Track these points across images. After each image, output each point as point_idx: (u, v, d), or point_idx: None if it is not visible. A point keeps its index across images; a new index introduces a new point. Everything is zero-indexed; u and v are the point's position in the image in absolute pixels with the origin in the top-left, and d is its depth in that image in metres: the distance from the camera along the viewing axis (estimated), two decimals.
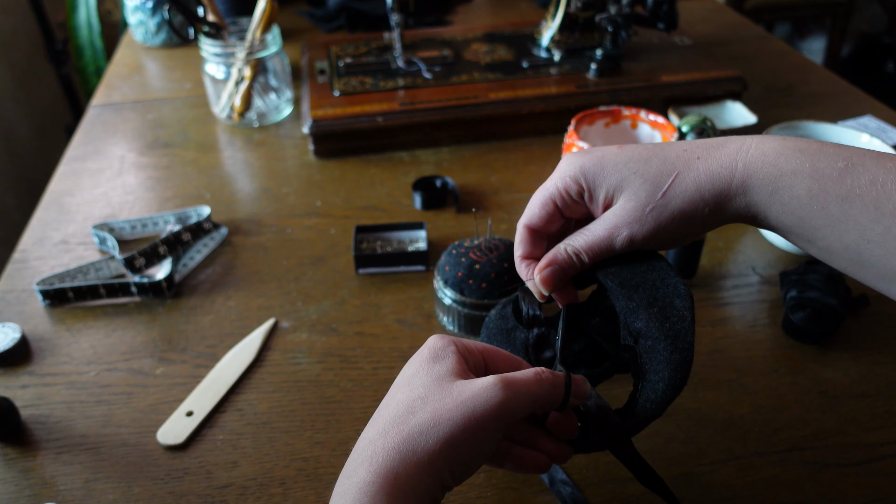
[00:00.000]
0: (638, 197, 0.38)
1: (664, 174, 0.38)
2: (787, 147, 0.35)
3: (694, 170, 0.37)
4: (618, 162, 0.39)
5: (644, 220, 0.38)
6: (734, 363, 0.57)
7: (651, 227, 0.38)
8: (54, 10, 1.74)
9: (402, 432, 0.33)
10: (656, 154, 0.39)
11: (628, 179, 0.38)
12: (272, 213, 0.76)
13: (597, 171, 0.40)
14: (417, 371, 0.37)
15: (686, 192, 0.37)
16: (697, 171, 0.37)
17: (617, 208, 0.39)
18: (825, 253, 0.35)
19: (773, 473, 0.48)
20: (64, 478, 0.50)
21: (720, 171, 0.36)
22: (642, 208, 0.38)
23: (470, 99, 0.85)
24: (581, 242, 0.41)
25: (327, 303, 0.64)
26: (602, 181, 0.39)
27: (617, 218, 0.39)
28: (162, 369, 0.58)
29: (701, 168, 0.37)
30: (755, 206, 0.36)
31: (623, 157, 0.39)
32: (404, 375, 0.37)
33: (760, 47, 1.10)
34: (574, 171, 0.40)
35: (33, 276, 0.68)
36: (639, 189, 0.38)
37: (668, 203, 0.38)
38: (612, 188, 0.39)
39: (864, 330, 0.59)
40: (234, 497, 0.48)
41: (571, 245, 0.41)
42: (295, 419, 0.53)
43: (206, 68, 0.90)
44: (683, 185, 0.37)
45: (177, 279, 0.67)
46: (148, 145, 0.89)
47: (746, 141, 0.37)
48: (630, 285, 0.41)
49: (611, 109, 0.76)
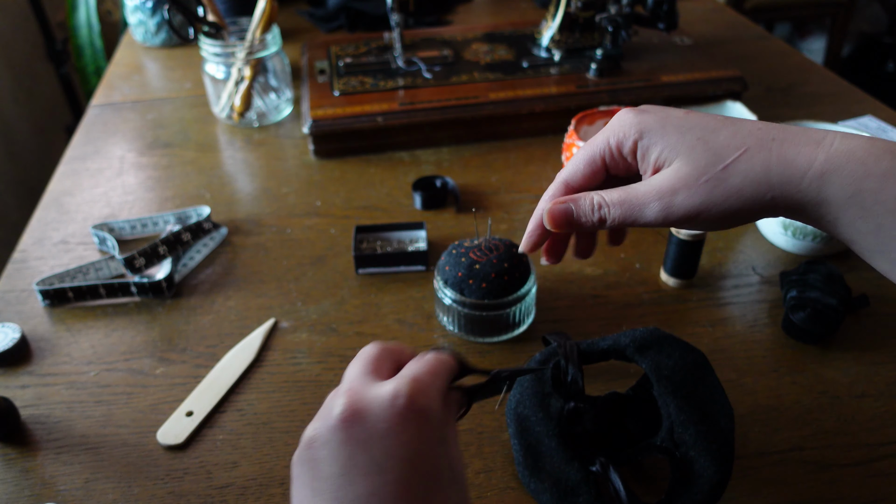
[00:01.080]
0: (696, 163, 0.34)
1: (731, 147, 0.34)
2: (876, 146, 0.32)
3: (766, 150, 0.33)
4: (682, 125, 0.35)
5: (694, 190, 0.34)
6: (734, 363, 0.57)
7: (699, 201, 0.34)
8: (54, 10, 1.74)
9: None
10: (726, 125, 0.35)
11: (690, 144, 0.35)
12: (272, 213, 0.76)
13: (656, 130, 0.36)
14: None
15: (751, 172, 0.33)
16: (770, 151, 0.33)
17: (668, 171, 0.35)
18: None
19: (773, 473, 0.48)
20: (64, 478, 0.50)
21: (796, 159, 0.32)
22: (697, 177, 0.34)
23: (470, 99, 0.85)
24: (615, 197, 0.36)
25: (327, 303, 0.64)
26: (659, 140, 0.36)
27: (664, 181, 0.35)
28: (162, 369, 0.58)
29: (775, 150, 0.33)
30: (826, 205, 0.32)
31: (689, 122, 0.35)
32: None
33: (760, 47, 1.10)
34: (631, 126, 0.37)
35: (33, 276, 0.68)
36: (699, 156, 0.34)
37: (728, 178, 0.33)
38: (670, 150, 0.35)
39: (864, 330, 0.59)
40: (234, 497, 0.48)
41: (601, 195, 0.37)
42: (295, 419, 0.53)
43: (205, 68, 0.90)
44: (750, 163, 0.33)
45: (177, 279, 0.66)
46: (148, 145, 0.89)
47: (829, 133, 0.33)
48: (682, 395, 0.44)
49: (611, 109, 0.76)
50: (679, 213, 0.35)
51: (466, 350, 0.58)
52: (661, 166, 0.36)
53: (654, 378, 0.44)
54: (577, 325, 0.60)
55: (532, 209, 0.75)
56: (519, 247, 0.42)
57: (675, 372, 0.44)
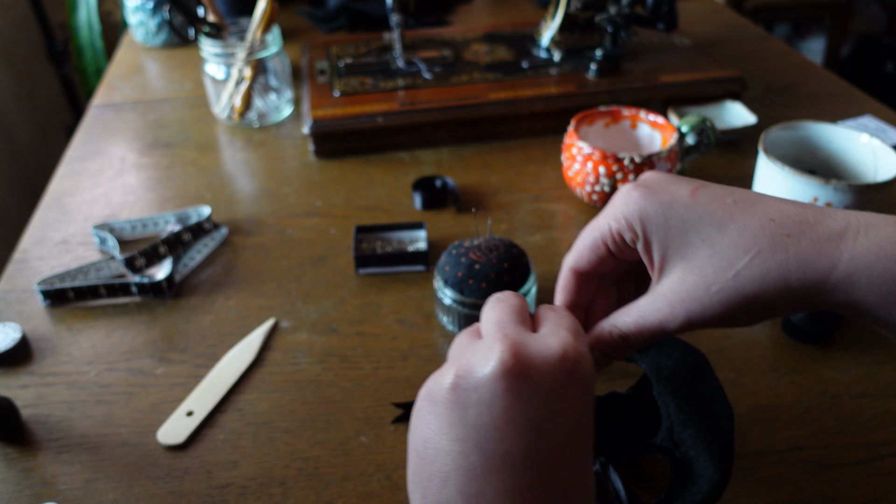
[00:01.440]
0: (703, 272, 0.31)
1: (740, 248, 0.31)
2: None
3: (781, 251, 0.30)
4: (686, 219, 0.32)
5: (707, 302, 0.31)
6: (734, 363, 0.57)
7: (716, 312, 0.31)
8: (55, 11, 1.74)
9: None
10: (735, 218, 0.32)
11: (694, 246, 0.32)
12: (272, 213, 0.76)
13: (658, 223, 0.33)
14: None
15: (767, 278, 0.30)
16: (786, 252, 0.30)
17: (675, 281, 0.33)
18: None
19: (773, 473, 0.48)
20: (64, 477, 0.50)
21: (816, 260, 0.29)
22: (706, 287, 0.31)
23: (470, 99, 0.85)
24: (629, 323, 0.34)
25: (327, 303, 0.64)
26: (662, 237, 0.33)
27: (674, 295, 0.32)
28: (162, 369, 0.58)
29: (791, 250, 0.30)
30: (859, 305, 0.30)
31: (694, 214, 0.32)
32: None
33: (760, 47, 1.10)
34: (632, 214, 0.34)
35: (34, 276, 0.68)
36: (704, 262, 0.31)
37: (741, 286, 0.30)
38: (673, 251, 0.33)
39: (864, 330, 0.59)
40: (234, 497, 0.48)
41: (617, 327, 0.35)
42: (295, 419, 0.53)
43: (206, 68, 0.90)
44: (764, 267, 0.30)
45: (177, 279, 0.67)
46: (148, 145, 0.89)
47: (852, 221, 0.30)
48: (681, 395, 0.43)
49: (610, 109, 0.77)
50: (703, 322, 0.32)
51: None
52: (665, 268, 0.33)
53: (653, 378, 0.44)
54: None
55: (532, 209, 0.75)
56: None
57: (674, 372, 0.44)
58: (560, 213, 0.75)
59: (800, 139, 0.69)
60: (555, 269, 0.66)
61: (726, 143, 0.84)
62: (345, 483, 0.49)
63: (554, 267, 0.67)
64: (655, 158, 0.68)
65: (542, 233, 0.71)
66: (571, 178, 0.73)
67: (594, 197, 0.72)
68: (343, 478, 0.49)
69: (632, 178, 0.69)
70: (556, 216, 0.74)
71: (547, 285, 0.65)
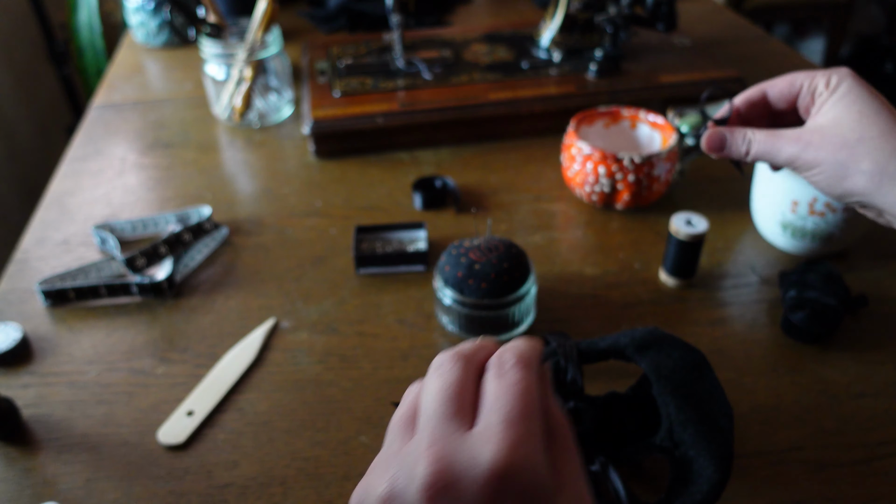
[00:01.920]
0: (844, 134, 0.43)
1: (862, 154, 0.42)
2: None
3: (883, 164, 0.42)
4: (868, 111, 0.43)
5: (826, 151, 0.43)
6: (733, 363, 0.57)
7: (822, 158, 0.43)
8: (55, 11, 1.74)
9: None
10: (871, 138, 0.42)
11: (855, 120, 0.43)
12: (272, 214, 0.76)
13: (850, 95, 0.44)
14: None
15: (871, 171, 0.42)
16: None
17: (812, 126, 0.44)
18: None
19: (772, 473, 0.48)
20: (65, 477, 0.50)
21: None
22: (839, 143, 0.43)
23: (470, 99, 0.85)
24: (759, 136, 0.46)
25: (327, 303, 0.64)
26: (837, 100, 0.44)
27: (805, 133, 0.44)
28: (163, 369, 0.58)
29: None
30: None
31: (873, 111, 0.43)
32: None
33: (760, 48, 1.10)
34: (841, 77, 0.44)
35: (35, 276, 0.68)
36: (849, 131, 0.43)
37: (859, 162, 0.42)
38: (835, 111, 0.44)
39: (864, 330, 0.59)
40: (234, 496, 0.48)
41: (752, 131, 0.47)
42: (295, 419, 0.53)
43: (206, 69, 0.90)
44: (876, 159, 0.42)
45: (178, 279, 0.67)
46: (149, 146, 0.89)
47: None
48: (681, 395, 0.44)
49: (610, 110, 0.77)
50: (802, 164, 0.44)
51: None
52: (818, 115, 0.45)
53: (653, 378, 0.44)
54: (576, 325, 0.61)
55: (532, 209, 0.75)
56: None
57: (674, 372, 0.44)
58: (560, 213, 0.75)
59: None
60: (555, 270, 0.66)
61: None
62: (345, 483, 0.49)
63: (554, 267, 0.67)
64: (655, 158, 0.68)
65: (542, 233, 0.71)
66: (571, 178, 0.73)
67: (594, 197, 0.72)
68: (343, 477, 0.49)
69: (631, 179, 0.69)
70: (556, 216, 0.74)
71: (547, 285, 0.65)
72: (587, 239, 0.71)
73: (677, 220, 0.61)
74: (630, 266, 0.67)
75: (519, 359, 0.30)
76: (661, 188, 0.71)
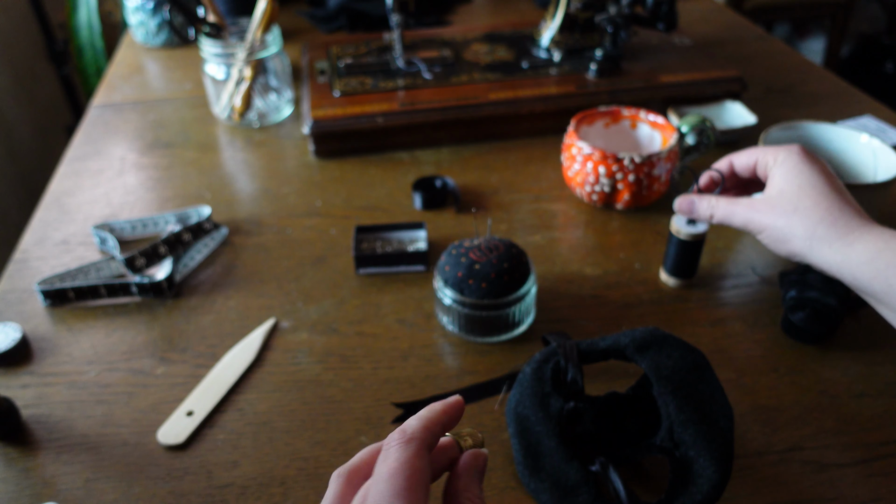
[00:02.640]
0: (784, 207, 0.50)
1: (808, 217, 0.49)
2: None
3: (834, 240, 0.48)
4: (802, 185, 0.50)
5: (774, 214, 0.50)
6: (734, 363, 0.57)
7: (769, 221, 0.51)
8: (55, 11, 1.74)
9: None
10: (816, 205, 0.49)
11: (793, 199, 0.50)
12: (272, 213, 0.76)
13: (790, 170, 0.51)
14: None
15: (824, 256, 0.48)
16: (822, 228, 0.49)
17: (762, 199, 0.52)
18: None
19: (773, 473, 0.48)
20: (64, 477, 0.50)
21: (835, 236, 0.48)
22: (782, 210, 0.50)
23: (470, 99, 0.85)
24: (721, 204, 0.54)
25: (327, 303, 0.64)
26: (782, 176, 0.51)
27: (756, 204, 0.52)
28: (162, 369, 0.58)
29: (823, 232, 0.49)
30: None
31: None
32: None
33: (760, 47, 1.10)
34: (786, 158, 0.51)
35: (34, 276, 0.68)
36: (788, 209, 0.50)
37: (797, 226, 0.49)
38: (782, 182, 0.51)
39: (864, 330, 0.59)
40: (234, 496, 0.48)
41: (716, 200, 0.55)
42: (295, 419, 0.53)
43: (206, 69, 0.90)
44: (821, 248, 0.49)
45: (177, 279, 0.67)
46: (148, 145, 0.89)
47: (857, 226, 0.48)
48: (682, 395, 0.44)
49: (610, 110, 0.77)
50: (753, 228, 0.52)
51: (466, 350, 0.59)
52: (768, 188, 0.52)
53: (653, 378, 0.44)
54: (576, 325, 0.61)
55: (532, 209, 0.75)
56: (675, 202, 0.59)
57: (674, 372, 0.44)
58: (560, 213, 0.75)
59: (800, 139, 0.69)
60: (555, 270, 0.66)
61: (726, 143, 0.84)
62: None
63: (554, 267, 0.67)
64: (655, 158, 0.68)
65: (542, 233, 0.71)
66: (571, 178, 0.73)
67: (594, 197, 0.72)
68: None
69: (632, 179, 0.69)
70: (556, 216, 0.74)
71: (547, 285, 0.65)
72: (587, 239, 0.71)
73: (678, 219, 0.61)
74: (630, 266, 0.67)
75: (402, 435, 0.31)
76: (661, 188, 0.71)
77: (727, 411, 0.44)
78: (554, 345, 0.49)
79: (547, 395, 0.46)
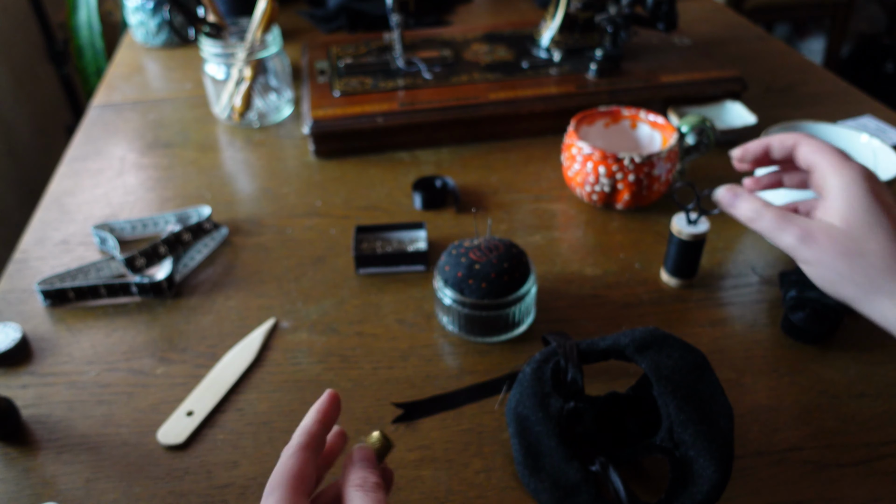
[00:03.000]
0: (849, 233, 0.42)
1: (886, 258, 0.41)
2: None
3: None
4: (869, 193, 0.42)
5: (829, 251, 0.42)
6: (733, 363, 0.57)
7: (824, 258, 0.42)
8: (55, 11, 1.74)
9: None
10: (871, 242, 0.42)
11: (862, 217, 0.42)
12: (272, 213, 0.76)
13: (844, 184, 0.43)
14: None
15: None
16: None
17: (824, 222, 0.43)
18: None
19: (773, 473, 0.48)
20: (64, 477, 0.50)
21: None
22: (841, 244, 0.42)
23: (470, 99, 0.85)
24: (772, 212, 0.45)
25: (327, 303, 0.64)
26: (838, 195, 0.42)
27: (814, 226, 0.43)
28: (162, 369, 0.58)
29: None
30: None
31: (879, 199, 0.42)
32: None
33: (760, 47, 1.10)
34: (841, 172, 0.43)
35: (34, 276, 0.68)
36: (856, 232, 0.42)
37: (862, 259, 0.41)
38: (838, 206, 0.42)
39: (864, 330, 0.59)
40: (234, 496, 0.48)
41: (765, 205, 0.45)
42: (295, 419, 0.53)
43: (206, 69, 0.90)
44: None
45: (177, 279, 0.67)
46: (148, 145, 0.89)
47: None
48: (681, 395, 0.44)
49: (610, 110, 0.77)
50: (801, 257, 0.43)
51: (466, 350, 0.59)
52: (826, 212, 0.43)
53: (653, 378, 0.44)
54: (576, 325, 0.61)
55: (532, 209, 0.75)
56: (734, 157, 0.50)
57: (674, 372, 0.44)
58: (560, 213, 0.75)
59: None
60: (555, 270, 0.66)
61: (726, 143, 0.84)
62: None
63: (554, 267, 0.67)
64: (655, 158, 0.68)
65: (542, 233, 0.71)
66: (571, 178, 0.73)
67: (594, 197, 0.72)
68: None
69: (632, 179, 0.69)
70: (556, 216, 0.74)
71: (547, 285, 0.65)
72: (587, 239, 0.71)
73: (679, 219, 0.61)
74: (630, 266, 0.67)
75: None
76: (661, 188, 0.71)
77: (727, 411, 0.44)
78: (554, 345, 0.49)
79: (547, 395, 0.46)
